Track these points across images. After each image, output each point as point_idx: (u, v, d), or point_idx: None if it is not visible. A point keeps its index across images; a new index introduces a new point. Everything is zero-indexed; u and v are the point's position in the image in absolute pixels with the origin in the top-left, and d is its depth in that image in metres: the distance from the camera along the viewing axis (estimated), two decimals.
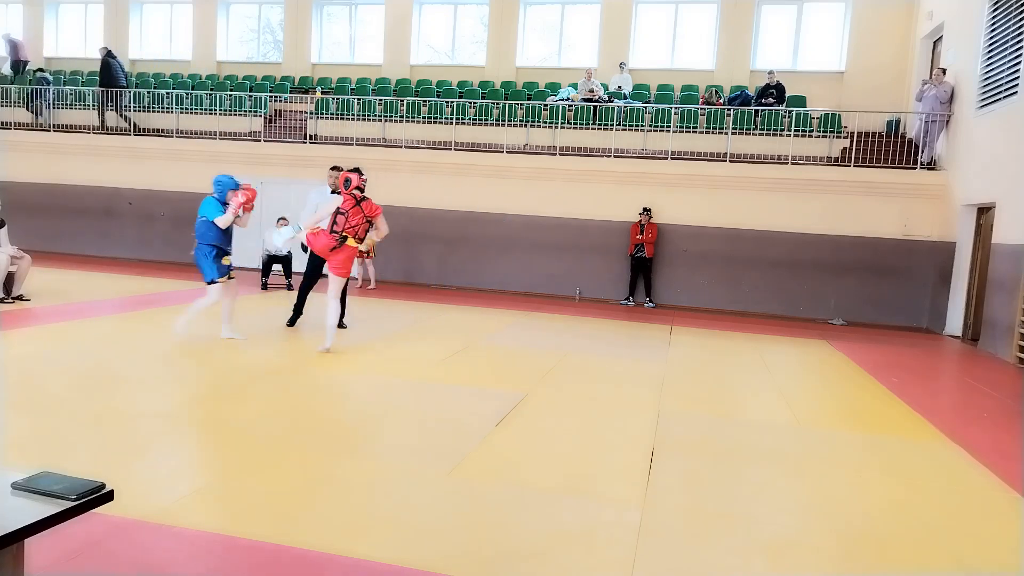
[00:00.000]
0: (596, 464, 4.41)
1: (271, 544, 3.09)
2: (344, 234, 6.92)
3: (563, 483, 4.06)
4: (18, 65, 18.26)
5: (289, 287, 12.07)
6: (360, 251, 12.79)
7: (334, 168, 8.41)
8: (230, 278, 7.28)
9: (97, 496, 1.84)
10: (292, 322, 8.43)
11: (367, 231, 7.14)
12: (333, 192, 8.13)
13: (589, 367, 7.34)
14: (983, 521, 3.92)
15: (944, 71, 12.11)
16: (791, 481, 4.39)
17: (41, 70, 17.32)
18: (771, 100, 13.58)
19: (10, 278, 8.87)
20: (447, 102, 14.68)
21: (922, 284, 12.15)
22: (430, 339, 8.38)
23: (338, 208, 6.95)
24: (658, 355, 8.19)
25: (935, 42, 13.56)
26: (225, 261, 7.22)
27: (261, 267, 12.36)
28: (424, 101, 14.83)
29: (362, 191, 7.07)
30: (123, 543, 3.06)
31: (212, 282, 7.15)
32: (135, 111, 15.74)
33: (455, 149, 14.00)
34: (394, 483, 3.88)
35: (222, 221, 7.02)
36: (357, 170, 7.11)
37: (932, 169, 12.32)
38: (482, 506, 3.67)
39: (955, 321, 11.43)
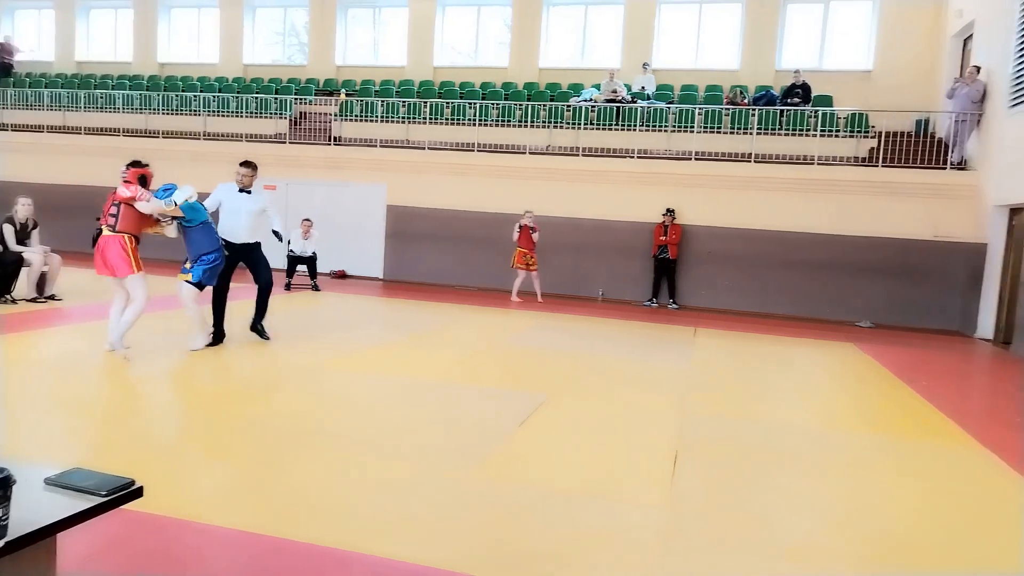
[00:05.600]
0: (619, 466, 4.39)
1: (297, 542, 3.12)
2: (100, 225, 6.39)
3: (586, 485, 4.04)
4: (4, 68, 18.61)
5: (315, 288, 12.18)
6: (527, 264, 12.45)
7: (245, 164, 7.42)
8: None
9: (127, 492, 1.87)
10: (215, 341, 7.21)
11: (114, 216, 6.33)
12: (241, 191, 7.26)
13: (612, 368, 7.31)
14: (1014, 528, 3.84)
15: (978, 69, 11.89)
16: (816, 485, 4.33)
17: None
18: (797, 100, 13.43)
19: (42, 278, 9.05)
20: (470, 103, 14.72)
21: (952, 286, 11.94)
22: (453, 340, 8.40)
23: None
24: (682, 357, 8.13)
25: (965, 40, 13.32)
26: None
27: (286, 268, 12.47)
28: (447, 103, 14.89)
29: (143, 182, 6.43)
30: (151, 539, 3.11)
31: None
32: (165, 114, 16.00)
33: (478, 150, 14.03)
34: (417, 483, 3.90)
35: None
36: (136, 163, 6.54)
37: (963, 169, 12.11)
38: (505, 507, 3.67)
39: (986, 324, 11.22)
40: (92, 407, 5.00)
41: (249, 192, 7.36)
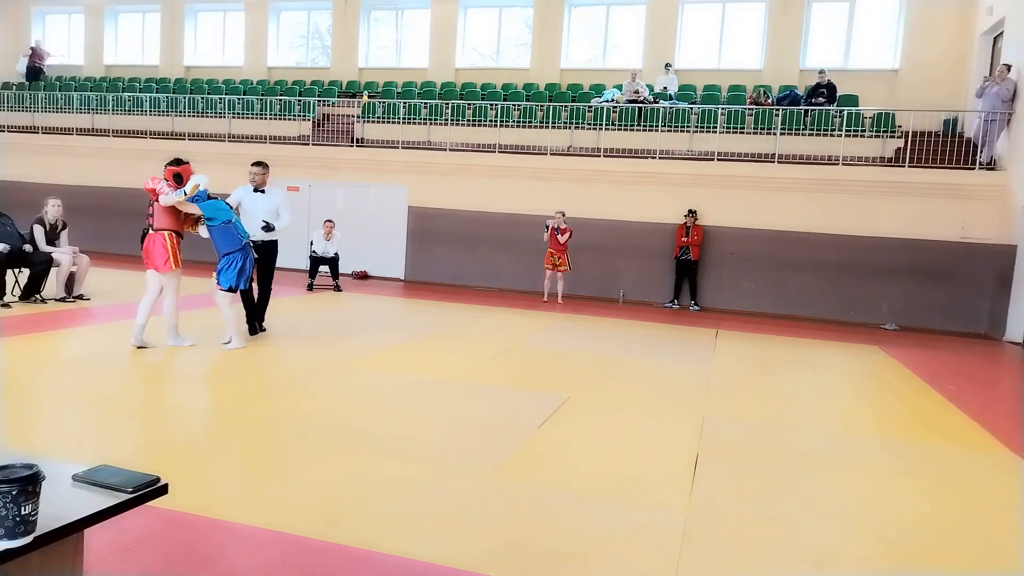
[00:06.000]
0: (640, 468, 4.38)
1: (318, 540, 3.15)
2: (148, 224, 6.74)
3: (606, 486, 4.03)
4: (35, 72, 19.09)
5: (337, 288, 12.27)
6: (555, 264, 12.39)
7: (255, 164, 7.63)
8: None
9: (152, 489, 1.89)
10: (252, 331, 7.69)
11: (152, 214, 6.69)
12: (256, 190, 7.53)
13: (633, 370, 7.28)
14: None
15: (1008, 67, 11.68)
16: (839, 489, 4.29)
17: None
18: (822, 100, 13.28)
19: (71, 278, 9.21)
20: (491, 105, 14.74)
21: (980, 288, 11.73)
22: (473, 340, 8.42)
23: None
24: (703, 359, 8.08)
25: (995, 38, 13.09)
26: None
27: (308, 269, 12.56)
28: (469, 104, 14.93)
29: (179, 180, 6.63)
30: (176, 536, 3.15)
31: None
32: (191, 116, 16.22)
33: (499, 151, 14.05)
34: (437, 483, 3.92)
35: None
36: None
37: (992, 169, 11.89)
38: (524, 507, 3.68)
39: (1016, 327, 11.01)
40: (119, 405, 5.08)
41: (263, 191, 7.56)
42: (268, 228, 7.49)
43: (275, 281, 8.00)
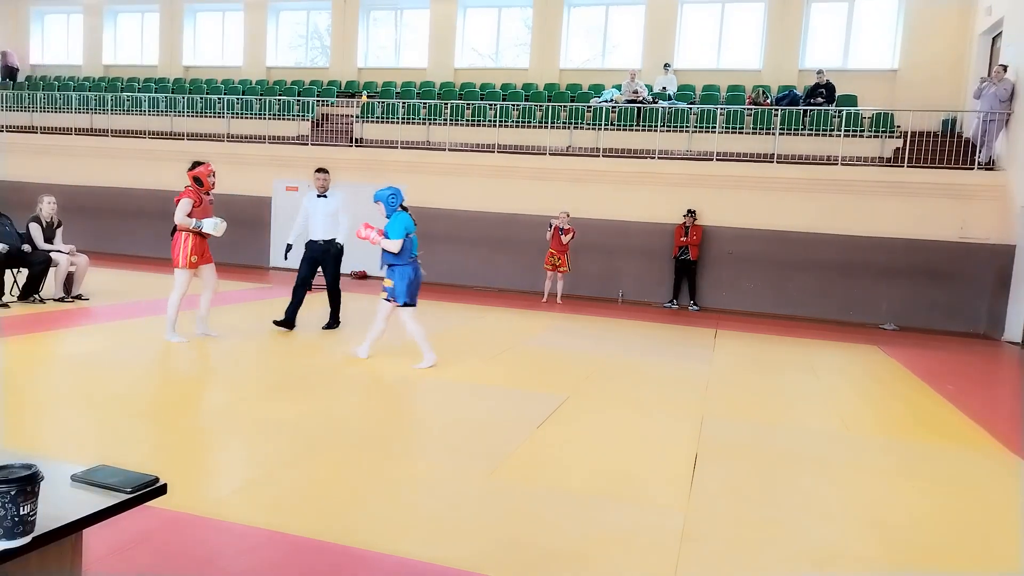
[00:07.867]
0: (639, 468, 4.37)
1: (316, 540, 3.14)
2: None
3: (605, 486, 4.03)
4: (9, 72, 19.28)
5: None
6: (555, 265, 12.45)
7: (318, 171, 8.22)
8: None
9: (151, 489, 1.89)
10: (289, 324, 8.09)
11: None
12: (319, 196, 8.04)
13: (632, 370, 7.28)
14: None
15: (1005, 68, 11.70)
16: (838, 489, 4.28)
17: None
18: (820, 100, 13.29)
19: (69, 278, 9.19)
20: (490, 105, 14.74)
21: (979, 288, 11.73)
22: (472, 341, 8.41)
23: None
24: (702, 359, 8.08)
25: (994, 38, 13.10)
26: None
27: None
28: (468, 104, 14.92)
29: (199, 183, 7.27)
30: (174, 536, 3.15)
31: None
32: (190, 116, 16.21)
33: (498, 151, 14.04)
34: (436, 483, 3.91)
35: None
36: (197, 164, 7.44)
37: (990, 169, 11.90)
38: (523, 507, 3.67)
39: (1015, 327, 11.02)
40: (118, 405, 5.07)
41: (325, 196, 8.08)
42: (288, 248, 8.20)
43: (274, 280, 8.02)
